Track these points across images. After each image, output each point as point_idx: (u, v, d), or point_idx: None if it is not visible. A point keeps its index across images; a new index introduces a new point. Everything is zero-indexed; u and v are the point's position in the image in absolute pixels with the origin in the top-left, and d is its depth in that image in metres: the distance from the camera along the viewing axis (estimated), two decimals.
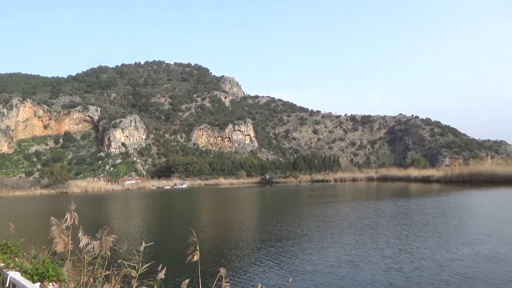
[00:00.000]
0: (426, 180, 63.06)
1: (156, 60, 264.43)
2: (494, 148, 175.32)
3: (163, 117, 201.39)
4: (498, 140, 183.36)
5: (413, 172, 75.08)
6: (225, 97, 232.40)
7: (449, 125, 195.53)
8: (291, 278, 6.20)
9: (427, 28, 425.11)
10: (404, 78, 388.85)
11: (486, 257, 9.37)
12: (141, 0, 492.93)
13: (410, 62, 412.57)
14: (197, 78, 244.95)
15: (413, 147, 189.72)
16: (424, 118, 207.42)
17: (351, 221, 17.66)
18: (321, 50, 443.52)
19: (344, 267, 9.15)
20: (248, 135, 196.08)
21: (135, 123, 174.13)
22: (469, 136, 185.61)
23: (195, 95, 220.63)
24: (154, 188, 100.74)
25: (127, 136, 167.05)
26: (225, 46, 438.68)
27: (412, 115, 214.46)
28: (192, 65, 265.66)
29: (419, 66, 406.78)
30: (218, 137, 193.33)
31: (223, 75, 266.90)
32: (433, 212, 19.63)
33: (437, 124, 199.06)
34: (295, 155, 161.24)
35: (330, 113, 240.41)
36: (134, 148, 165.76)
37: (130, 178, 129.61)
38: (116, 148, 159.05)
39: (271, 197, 44.13)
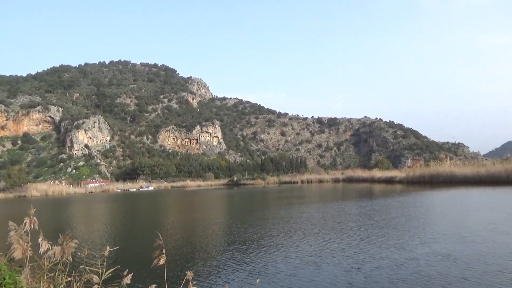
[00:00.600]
0: (389, 181, 65.02)
1: (122, 60, 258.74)
2: (453, 150, 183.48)
3: (128, 118, 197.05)
4: (456, 142, 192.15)
5: (377, 173, 77.21)
6: (193, 99, 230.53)
7: (411, 128, 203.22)
8: (258, 279, 6.23)
9: (392, 35, 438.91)
10: (369, 82, 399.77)
11: (441, 255, 9.76)
12: None
13: (376, 67, 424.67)
14: (164, 79, 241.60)
15: (377, 149, 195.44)
16: (388, 121, 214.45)
17: (315, 222, 17.94)
18: (289, 53, 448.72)
19: (307, 268, 9.29)
20: (216, 136, 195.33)
21: (99, 124, 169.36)
22: (430, 139, 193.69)
23: (161, 96, 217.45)
24: (119, 191, 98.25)
25: (90, 138, 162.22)
26: (193, 47, 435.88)
27: (376, 118, 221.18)
28: (159, 65, 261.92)
29: (384, 70, 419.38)
30: (185, 138, 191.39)
31: (191, 76, 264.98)
32: (394, 212, 20.28)
33: (400, 126, 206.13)
34: (263, 157, 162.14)
35: (298, 115, 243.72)
36: (97, 150, 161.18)
37: (94, 181, 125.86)
38: (78, 150, 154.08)
39: (238, 199, 44.11)
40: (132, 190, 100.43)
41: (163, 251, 4.29)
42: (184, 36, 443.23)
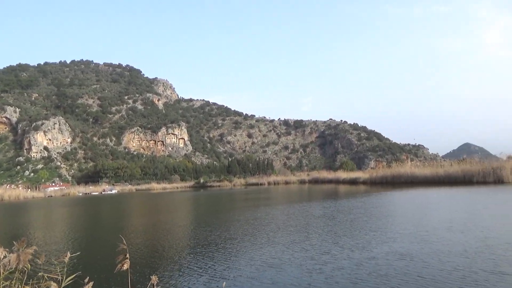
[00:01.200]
0: (354, 182, 66.70)
1: (84, 59, 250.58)
2: (413, 151, 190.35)
3: (91, 120, 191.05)
4: (417, 144, 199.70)
5: (342, 174, 79.13)
6: (158, 100, 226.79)
7: (374, 130, 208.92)
8: (224, 283, 6.23)
9: (357, 39, 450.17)
10: (336, 85, 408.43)
11: (399, 254, 10.10)
12: None
13: (341, 71, 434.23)
14: (128, 80, 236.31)
15: (342, 150, 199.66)
16: (352, 123, 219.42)
17: (279, 224, 18.11)
18: (257, 55, 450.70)
19: (269, 270, 9.36)
20: (182, 138, 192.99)
21: (59, 125, 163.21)
22: (392, 141, 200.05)
23: (126, 97, 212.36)
24: (81, 194, 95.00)
25: (50, 140, 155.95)
26: (159, 48, 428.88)
27: (341, 120, 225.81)
28: (123, 66, 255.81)
29: (349, 74, 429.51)
30: (150, 140, 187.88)
31: (156, 77, 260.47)
32: (356, 212, 20.81)
33: (364, 129, 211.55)
34: (230, 159, 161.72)
35: (264, 117, 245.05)
36: (58, 152, 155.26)
37: (53, 184, 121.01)
38: (37, 152, 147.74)
39: (204, 202, 43.79)
40: (94, 193, 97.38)
41: (127, 255, 4.19)
42: (149, 36, 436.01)
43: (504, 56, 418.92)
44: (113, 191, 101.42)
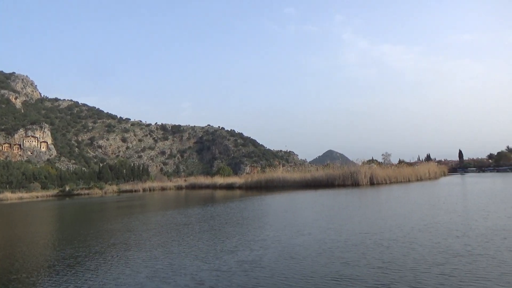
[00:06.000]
0: (230, 187, 68.43)
1: None
2: (285, 157, 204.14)
3: None
4: (288, 150, 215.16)
5: (219, 179, 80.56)
6: (16, 98, 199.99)
7: (249, 137, 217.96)
8: None
9: (237, 50, 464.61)
10: (214, 91, 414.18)
11: (248, 262, 10.10)
12: None
13: (217, 78, 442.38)
14: None
15: (219, 156, 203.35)
16: (229, 129, 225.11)
17: (138, 234, 17.39)
18: (134, 57, 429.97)
19: (130, 285, 8.78)
20: (44, 142, 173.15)
21: None
22: (266, 147, 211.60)
23: None
24: None
25: None
26: (17, 38, 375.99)
27: (219, 126, 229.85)
28: None
29: (225, 82, 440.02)
30: (4, 143, 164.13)
31: (14, 72, 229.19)
32: (226, 217, 21.25)
33: (240, 135, 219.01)
34: (101, 165, 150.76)
35: (140, 121, 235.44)
36: None
37: None
38: None
39: (69, 212, 39.76)
40: None
41: None
42: (5, 25, 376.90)
43: (360, 74, 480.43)
44: None
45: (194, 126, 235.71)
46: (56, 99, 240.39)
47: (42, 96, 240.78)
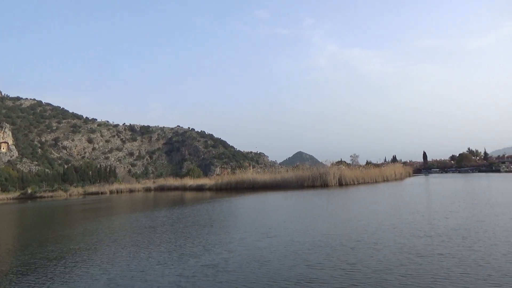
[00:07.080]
0: (200, 188, 67.74)
1: None
2: (255, 159, 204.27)
3: None
4: (258, 152, 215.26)
5: (189, 181, 79.68)
6: None
7: (220, 138, 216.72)
8: None
9: (207, 52, 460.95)
10: (182, 92, 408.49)
11: (212, 266, 9.96)
12: None
13: (190, 79, 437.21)
14: None
15: (189, 157, 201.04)
16: (200, 130, 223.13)
17: (108, 238, 16.83)
18: (99, 56, 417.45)
19: None
20: (5, 142, 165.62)
21: None
22: (236, 148, 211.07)
23: None
24: None
25: None
26: None
27: (189, 128, 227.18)
28: None
29: (196, 83, 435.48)
30: None
31: None
32: (192, 220, 20.92)
33: (211, 137, 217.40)
34: (66, 166, 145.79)
35: (107, 121, 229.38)
36: None
37: None
38: None
39: (30, 216, 38.05)
40: None
41: None
42: None
43: (329, 77, 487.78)
44: None
45: (164, 127, 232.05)
46: (18, 98, 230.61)
47: (3, 94, 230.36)
